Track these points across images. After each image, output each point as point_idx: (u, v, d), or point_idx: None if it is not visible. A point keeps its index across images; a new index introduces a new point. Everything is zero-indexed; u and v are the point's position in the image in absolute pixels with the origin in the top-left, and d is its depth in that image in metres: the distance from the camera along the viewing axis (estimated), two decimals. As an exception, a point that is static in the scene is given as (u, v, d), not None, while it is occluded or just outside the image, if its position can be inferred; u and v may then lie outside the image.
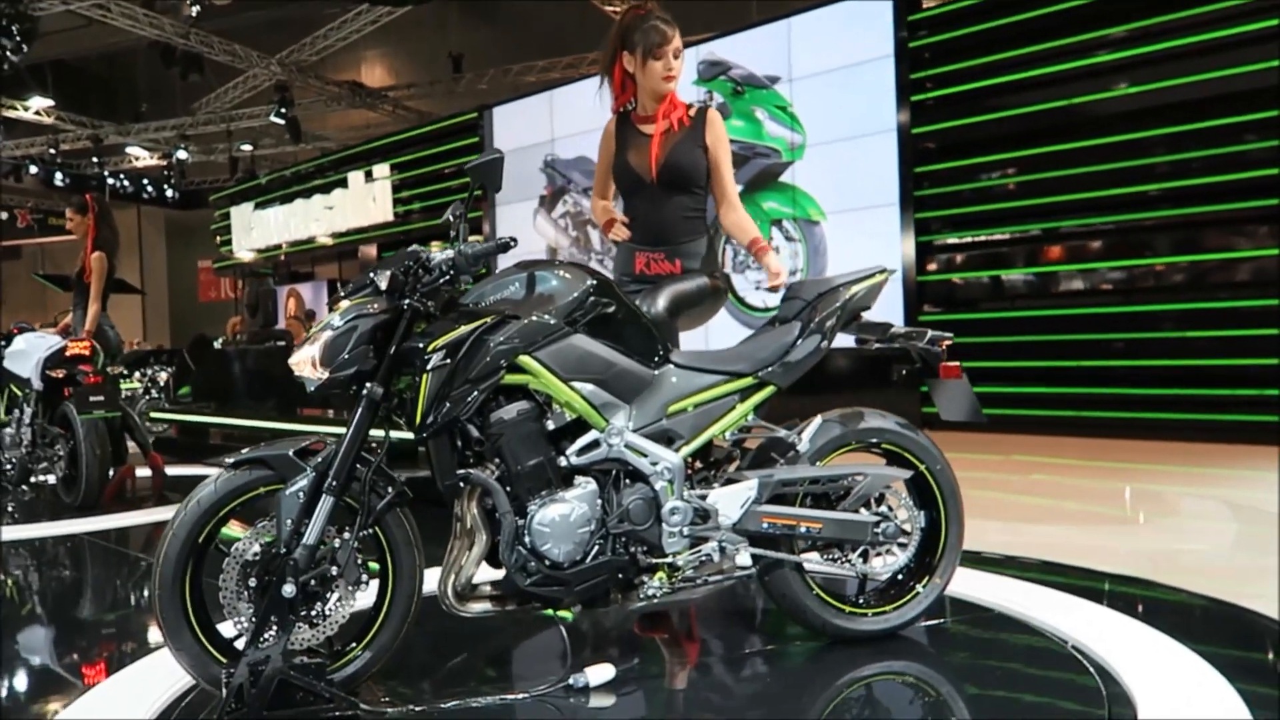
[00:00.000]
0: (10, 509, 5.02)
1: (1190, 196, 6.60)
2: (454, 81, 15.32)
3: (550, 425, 2.22)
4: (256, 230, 15.07)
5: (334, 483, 2.07)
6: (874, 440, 2.53)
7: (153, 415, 7.37)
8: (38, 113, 15.96)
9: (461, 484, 2.17)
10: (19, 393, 5.26)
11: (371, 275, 2.13)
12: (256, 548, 2.09)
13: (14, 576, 3.71)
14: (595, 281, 2.27)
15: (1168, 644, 2.42)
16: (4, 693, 2.44)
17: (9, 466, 5.23)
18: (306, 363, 2.09)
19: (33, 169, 17.00)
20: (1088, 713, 2.06)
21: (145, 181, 18.88)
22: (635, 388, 2.30)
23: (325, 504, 2.07)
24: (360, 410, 2.10)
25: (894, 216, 7.88)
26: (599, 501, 2.23)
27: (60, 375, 5.04)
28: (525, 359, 2.16)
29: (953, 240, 7.87)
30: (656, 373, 2.35)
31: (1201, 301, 6.63)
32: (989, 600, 2.85)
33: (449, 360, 2.09)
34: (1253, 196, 6.30)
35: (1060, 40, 7.08)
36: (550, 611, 2.26)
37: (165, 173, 18.46)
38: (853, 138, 8.10)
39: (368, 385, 2.10)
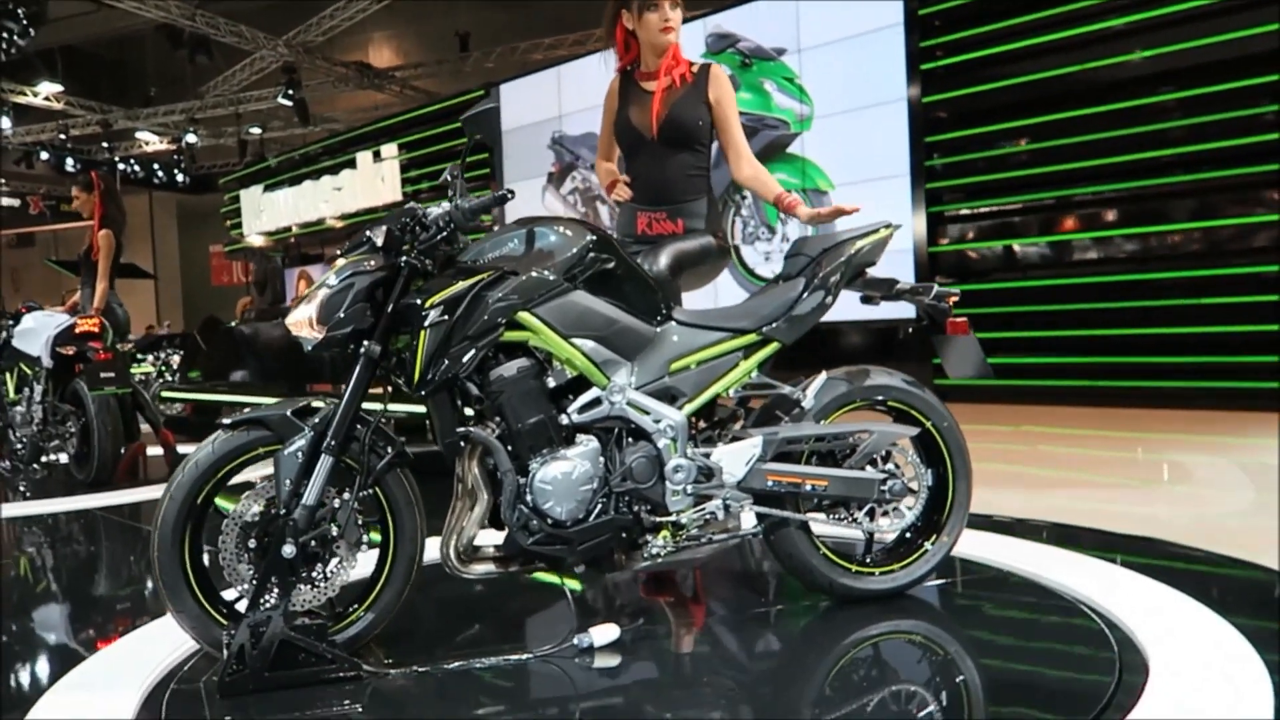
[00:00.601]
0: (22, 487, 5.05)
1: (1204, 161, 6.50)
2: (461, 60, 15.24)
3: (551, 383, 2.20)
4: (266, 213, 15.09)
5: (332, 442, 2.05)
6: (879, 398, 2.50)
7: (163, 395, 7.39)
8: (47, 98, 15.99)
9: (462, 443, 2.15)
10: (29, 371, 5.28)
11: (368, 233, 2.10)
12: (256, 509, 2.07)
13: (29, 550, 3.72)
14: (595, 237, 2.24)
15: (1182, 600, 2.39)
16: (11, 658, 2.45)
17: (20, 446, 5.25)
18: (303, 322, 2.07)
19: (44, 155, 17.03)
20: (1099, 665, 2.03)
21: (156, 166, 18.90)
22: (637, 345, 2.27)
23: (324, 464, 2.05)
24: (358, 369, 2.08)
25: (905, 187, 7.79)
26: (601, 459, 2.20)
27: (70, 352, 5.04)
28: (524, 315, 2.13)
29: (965, 210, 7.78)
30: (659, 330, 2.32)
31: (1216, 268, 6.53)
32: (998, 561, 2.82)
33: (447, 316, 2.06)
34: (1269, 160, 6.19)
35: (1072, 4, 6.96)
36: (558, 579, 2.24)
37: (175, 157, 18.49)
38: (862, 108, 8.01)
39: (365, 343, 2.08)
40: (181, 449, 5.56)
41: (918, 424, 2.50)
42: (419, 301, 2.07)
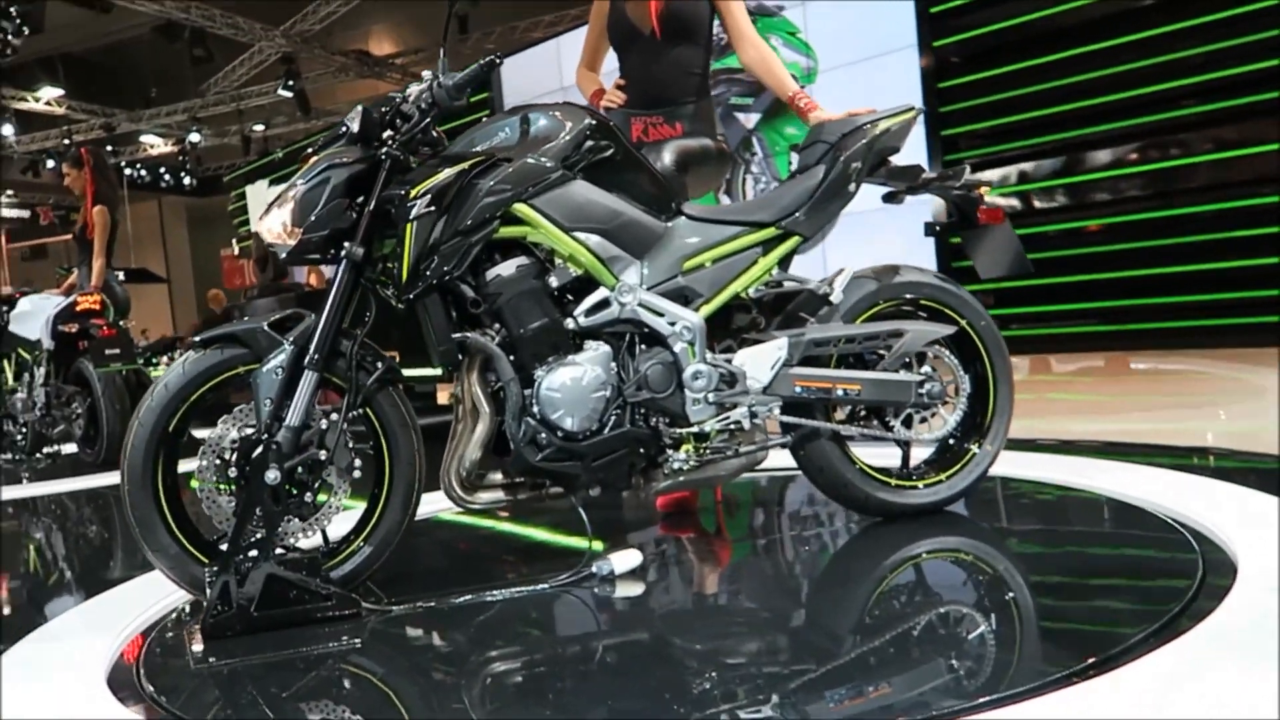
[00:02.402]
0: (25, 476, 4.89)
1: (1222, 89, 6.17)
2: (461, 42, 15.03)
3: (554, 282, 2.00)
4: (273, 207, 14.94)
5: (316, 356, 1.86)
6: (909, 295, 2.29)
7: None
8: (48, 103, 15.91)
9: (460, 353, 1.95)
10: (27, 356, 5.13)
11: (344, 121, 1.91)
12: (234, 434, 1.89)
13: (43, 527, 3.57)
14: (593, 120, 2.04)
15: (1262, 499, 2.16)
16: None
17: (20, 437, 5.11)
18: (276, 226, 1.88)
19: (49, 163, 16.97)
20: (1179, 568, 1.82)
21: (162, 170, 18.83)
22: (645, 241, 2.07)
23: (308, 380, 1.86)
24: (340, 274, 1.89)
25: (919, 135, 7.53)
26: (613, 366, 2.00)
27: (73, 330, 4.89)
28: (521, 207, 1.93)
29: (983, 153, 7.51)
30: (668, 224, 2.11)
31: (1249, 198, 6.22)
32: (1048, 477, 2.60)
33: (434, 207, 1.87)
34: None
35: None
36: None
37: (180, 159, 18.39)
38: (872, 57, 7.75)
39: (345, 245, 1.88)
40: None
41: (953, 323, 2.29)
42: (403, 192, 1.87)
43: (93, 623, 2.01)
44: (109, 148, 17.06)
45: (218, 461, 1.87)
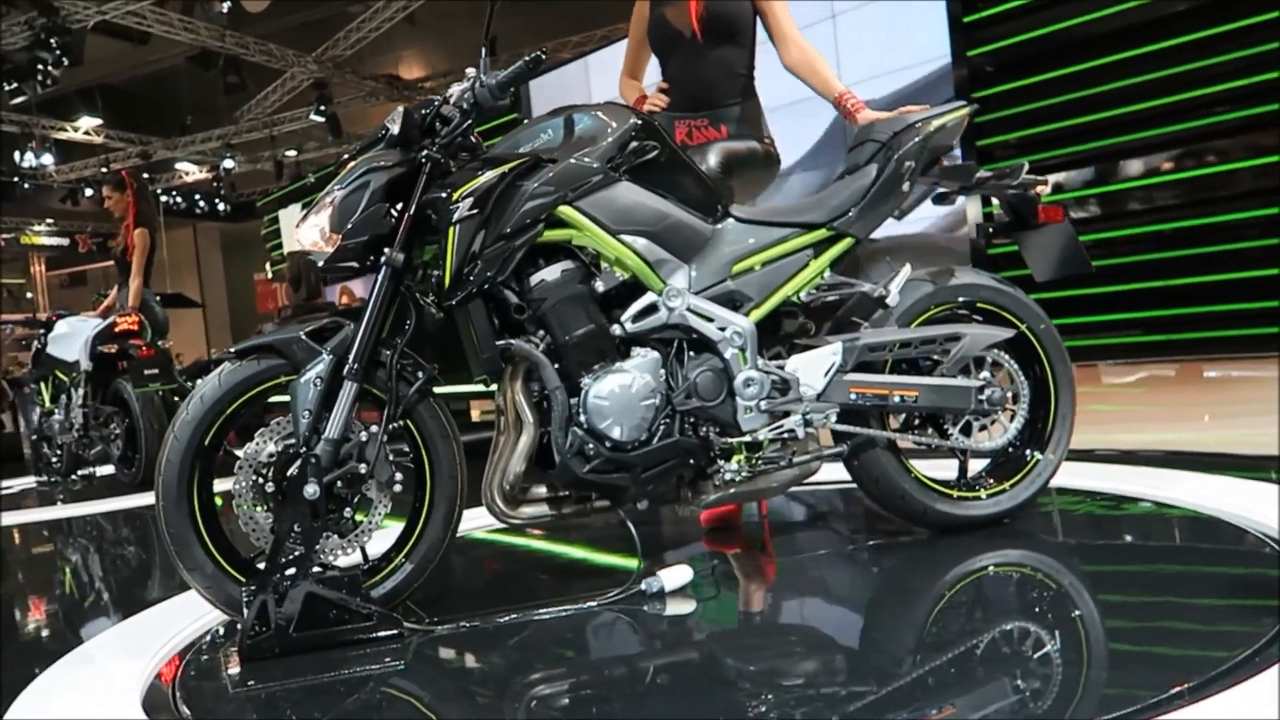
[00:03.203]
0: (60, 498, 4.88)
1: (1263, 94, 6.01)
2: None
3: (600, 287, 1.92)
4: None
5: (355, 366, 1.80)
6: (965, 299, 2.20)
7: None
8: (87, 132, 16.20)
9: (503, 361, 1.88)
10: (65, 379, 5.14)
11: (385, 123, 1.85)
12: (271, 448, 1.82)
13: (79, 548, 3.54)
14: (638, 120, 1.97)
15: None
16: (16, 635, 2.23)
17: (55, 459, 5.12)
18: (314, 232, 1.82)
19: (88, 191, 17.26)
20: (1260, 576, 1.70)
21: (197, 197, 19.09)
22: (693, 244, 1.99)
23: (348, 391, 1.80)
24: (380, 281, 1.83)
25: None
26: (662, 373, 1.92)
27: (112, 350, 4.90)
28: (566, 210, 1.87)
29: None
30: (716, 227, 2.04)
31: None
32: (1110, 488, 2.48)
33: (478, 210, 1.80)
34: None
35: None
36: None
37: (215, 184, 18.64)
38: (905, 68, 7.66)
39: (385, 251, 1.82)
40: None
41: (1011, 327, 2.20)
42: (445, 194, 1.81)
43: (129, 644, 1.96)
44: (145, 175, 17.31)
45: (255, 478, 1.81)
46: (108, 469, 5.10)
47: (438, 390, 1.95)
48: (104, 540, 3.63)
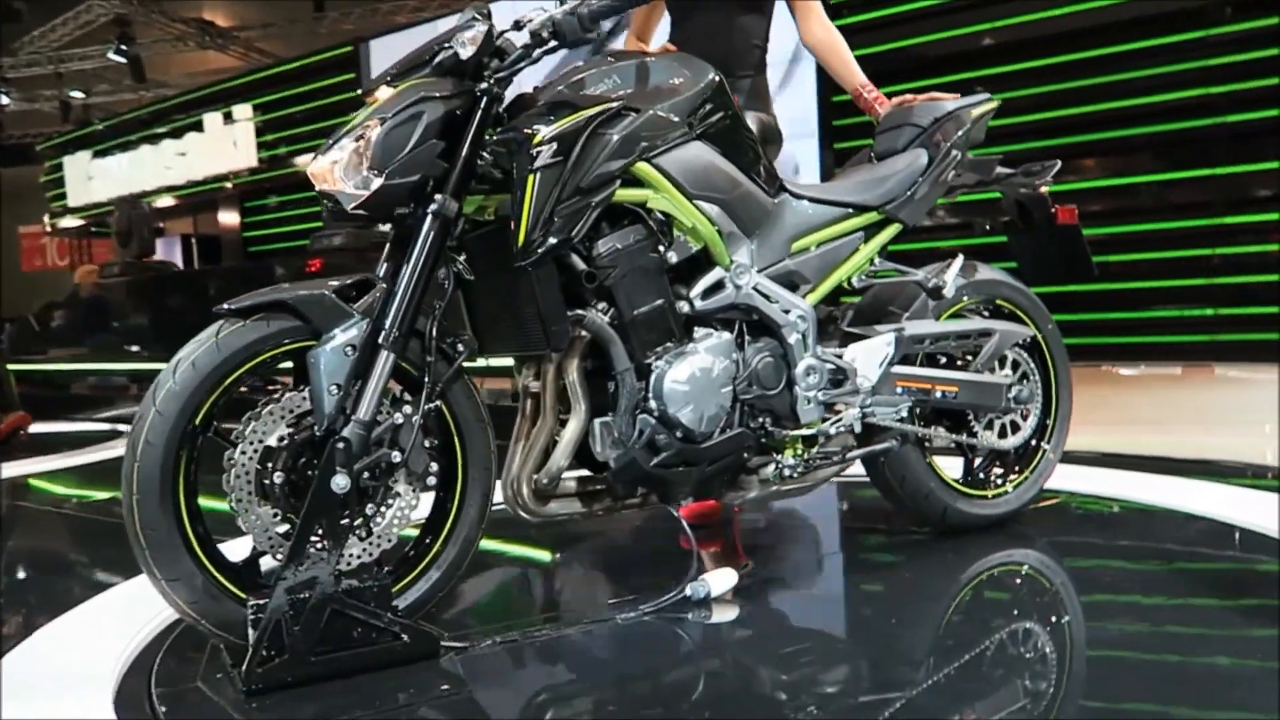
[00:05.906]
0: None
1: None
2: (316, 21, 14.10)
3: (673, 258, 1.70)
4: (97, 180, 13.51)
5: (395, 334, 1.49)
6: (986, 295, 2.15)
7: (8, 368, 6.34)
8: None
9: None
10: None
11: (447, 43, 1.54)
12: (282, 430, 1.49)
13: None
14: (715, 77, 1.77)
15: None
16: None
17: None
18: (345, 167, 1.49)
19: None
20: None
21: (-44, 134, 16.74)
22: (757, 217, 1.81)
23: (383, 363, 1.49)
24: (426, 233, 1.51)
25: (813, 148, 7.53)
26: (737, 357, 1.74)
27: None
28: (644, 167, 1.63)
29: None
30: (776, 200, 1.87)
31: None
32: (1102, 491, 2.52)
33: (561, 158, 1.54)
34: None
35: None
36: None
37: (-20, 122, 16.42)
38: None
39: (436, 198, 1.52)
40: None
41: (1025, 325, 2.18)
42: (526, 132, 1.53)
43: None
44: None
45: (258, 466, 1.47)
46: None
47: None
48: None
